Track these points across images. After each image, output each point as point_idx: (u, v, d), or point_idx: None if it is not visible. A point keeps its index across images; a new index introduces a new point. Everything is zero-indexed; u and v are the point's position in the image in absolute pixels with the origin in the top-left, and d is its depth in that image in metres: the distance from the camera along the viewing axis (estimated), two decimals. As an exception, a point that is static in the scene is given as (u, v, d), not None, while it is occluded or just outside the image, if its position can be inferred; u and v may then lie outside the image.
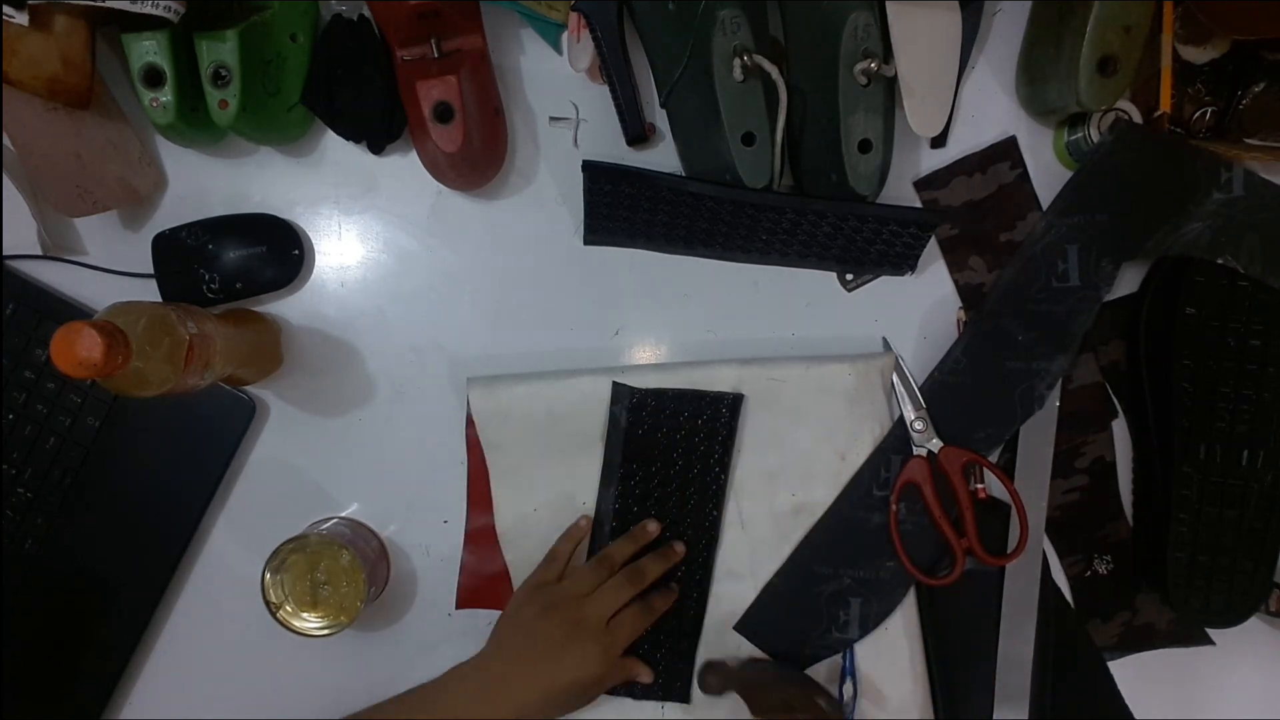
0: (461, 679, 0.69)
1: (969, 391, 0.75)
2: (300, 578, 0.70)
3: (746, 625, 0.76)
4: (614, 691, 0.75)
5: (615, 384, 0.74)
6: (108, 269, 0.76)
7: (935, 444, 0.75)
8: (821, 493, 0.76)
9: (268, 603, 0.69)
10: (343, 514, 0.77)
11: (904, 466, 0.75)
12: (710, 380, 0.75)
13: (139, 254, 0.75)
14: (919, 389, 0.76)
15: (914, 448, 0.75)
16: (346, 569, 0.70)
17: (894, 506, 0.75)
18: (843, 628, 0.75)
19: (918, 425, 0.75)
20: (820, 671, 0.76)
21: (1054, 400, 0.76)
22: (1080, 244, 0.74)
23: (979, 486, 0.76)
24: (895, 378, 0.76)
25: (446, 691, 0.68)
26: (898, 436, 0.76)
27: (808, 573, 0.75)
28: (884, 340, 0.78)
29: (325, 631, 0.70)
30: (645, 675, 0.73)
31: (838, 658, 0.76)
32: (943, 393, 0.76)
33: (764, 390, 0.75)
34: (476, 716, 0.66)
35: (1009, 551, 0.74)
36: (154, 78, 0.67)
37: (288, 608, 0.70)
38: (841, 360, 0.75)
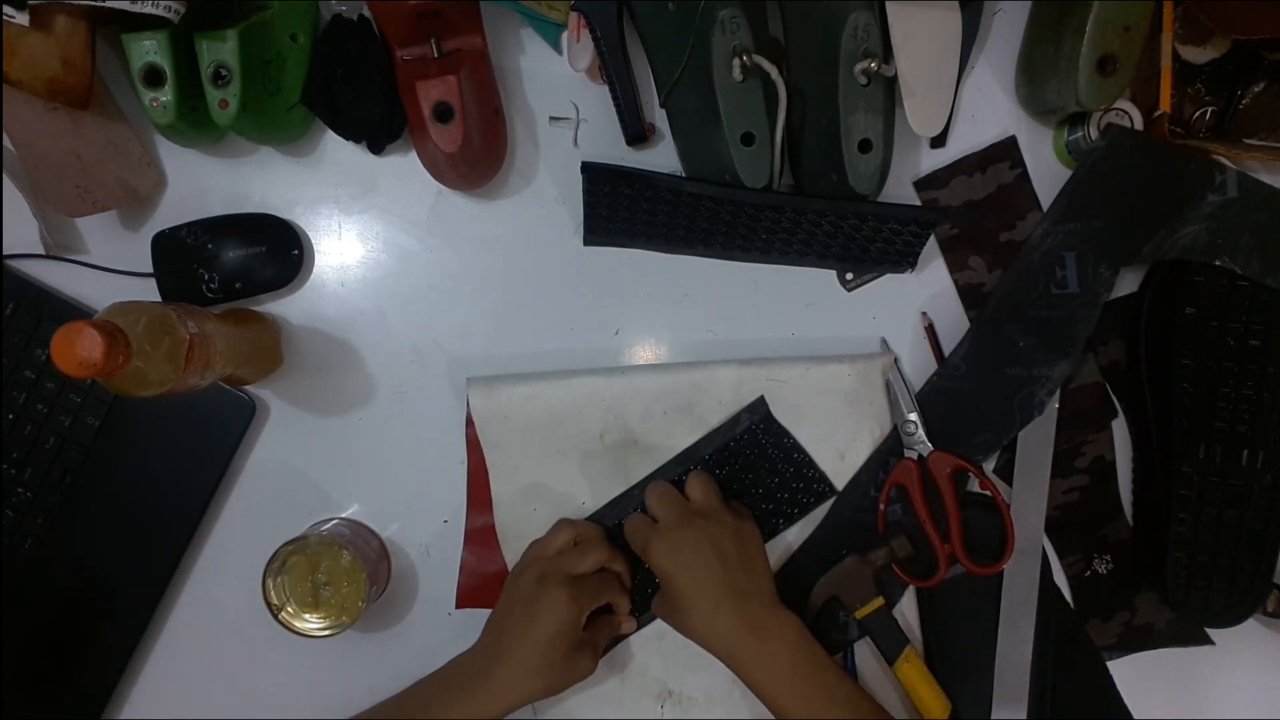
0: (469, 656, 0.71)
1: (968, 396, 0.75)
2: (301, 579, 0.70)
3: (746, 625, 0.76)
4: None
5: (763, 398, 0.74)
6: (108, 268, 0.76)
7: (925, 447, 0.75)
8: (821, 493, 0.76)
9: (269, 604, 0.70)
10: (343, 514, 0.77)
11: (895, 468, 0.75)
12: (711, 380, 0.75)
13: (139, 254, 0.75)
14: (917, 393, 0.76)
15: (905, 450, 0.75)
16: (347, 570, 0.70)
17: (882, 507, 0.75)
18: (842, 628, 0.75)
19: (909, 428, 0.75)
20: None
21: (1053, 404, 0.76)
22: (1078, 251, 0.74)
23: (982, 480, 0.76)
24: (890, 377, 0.75)
25: (458, 665, 0.70)
26: (894, 438, 0.75)
27: (807, 573, 0.75)
28: (883, 340, 0.78)
29: (327, 632, 0.70)
30: (629, 625, 0.75)
31: (838, 657, 0.76)
32: (941, 397, 0.75)
33: (764, 390, 0.75)
34: (484, 679, 0.68)
35: (1003, 554, 0.74)
36: (154, 78, 0.67)
37: (289, 609, 0.70)
38: (841, 360, 0.75)
